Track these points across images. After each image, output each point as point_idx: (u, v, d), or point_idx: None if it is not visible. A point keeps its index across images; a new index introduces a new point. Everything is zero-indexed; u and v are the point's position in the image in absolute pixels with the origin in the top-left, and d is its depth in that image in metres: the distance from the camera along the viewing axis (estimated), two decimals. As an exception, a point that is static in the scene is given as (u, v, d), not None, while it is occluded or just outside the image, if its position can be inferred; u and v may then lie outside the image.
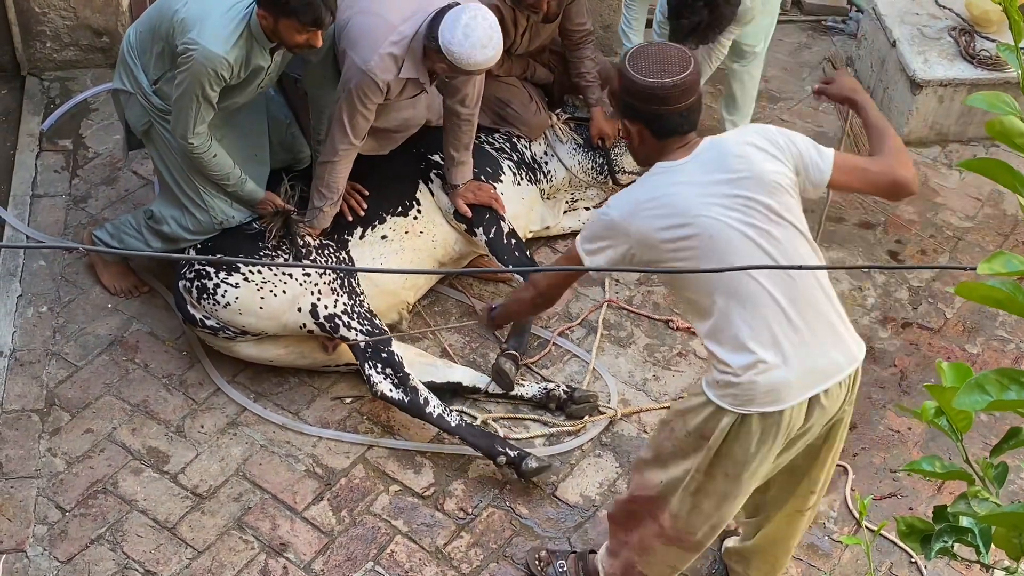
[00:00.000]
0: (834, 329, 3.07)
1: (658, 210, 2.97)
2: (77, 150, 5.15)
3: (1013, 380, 1.37)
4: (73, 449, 4.07)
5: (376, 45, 3.92)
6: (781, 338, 2.96)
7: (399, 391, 4.09)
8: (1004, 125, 1.35)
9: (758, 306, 2.96)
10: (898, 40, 5.46)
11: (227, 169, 4.09)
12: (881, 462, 4.18)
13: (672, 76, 2.95)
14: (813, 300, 3.04)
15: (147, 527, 3.87)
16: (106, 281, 4.57)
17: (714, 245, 2.94)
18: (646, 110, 2.98)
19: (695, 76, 2.98)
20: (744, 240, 2.95)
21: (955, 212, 5.17)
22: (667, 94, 2.95)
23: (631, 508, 3.36)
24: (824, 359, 3.02)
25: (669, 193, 2.99)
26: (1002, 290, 1.41)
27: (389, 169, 4.50)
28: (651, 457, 3.27)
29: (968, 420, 1.56)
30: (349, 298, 4.19)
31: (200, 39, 3.77)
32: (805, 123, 5.58)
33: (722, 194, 2.96)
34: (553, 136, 4.93)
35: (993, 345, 4.60)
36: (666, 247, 2.97)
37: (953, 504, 1.61)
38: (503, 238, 4.49)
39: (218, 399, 4.26)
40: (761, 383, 2.96)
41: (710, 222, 2.94)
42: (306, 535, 3.88)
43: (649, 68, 2.96)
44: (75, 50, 5.44)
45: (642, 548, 3.38)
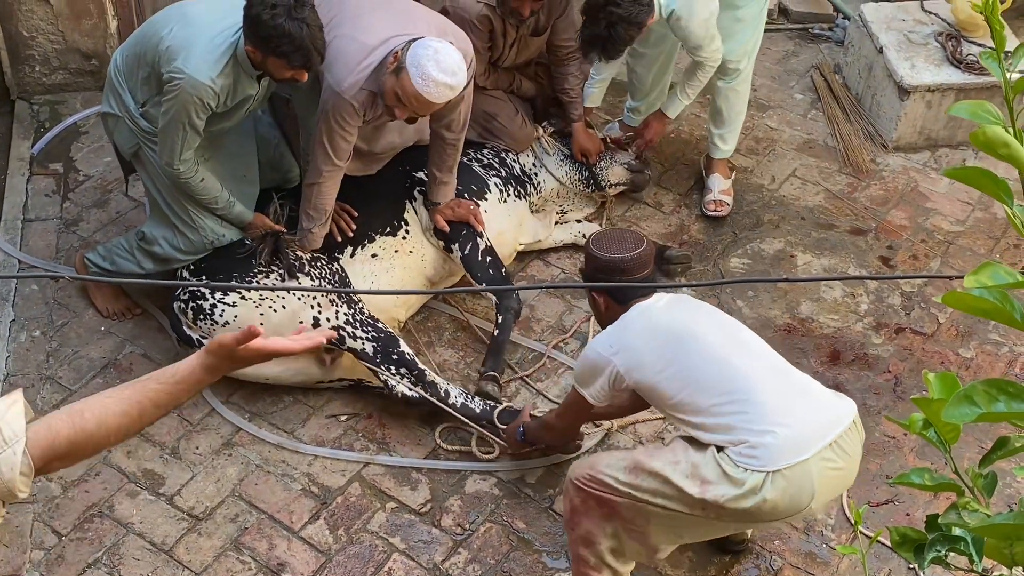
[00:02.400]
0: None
1: (640, 335, 3.42)
2: (68, 173, 5.15)
3: (1002, 391, 1.36)
4: (68, 473, 4.06)
5: (350, 68, 3.92)
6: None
7: (418, 388, 4.11)
8: (988, 135, 1.35)
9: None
10: (885, 46, 5.47)
11: (215, 192, 4.10)
12: (877, 468, 4.18)
13: (628, 251, 3.52)
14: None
15: (144, 550, 3.86)
16: (99, 304, 4.57)
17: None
18: (608, 280, 3.54)
19: (648, 251, 3.56)
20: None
21: (946, 217, 5.18)
22: (626, 266, 3.51)
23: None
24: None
25: (643, 320, 3.46)
26: (990, 300, 1.41)
27: (376, 189, 4.50)
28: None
29: (956, 432, 1.56)
30: (349, 307, 4.20)
31: (186, 68, 3.76)
32: (794, 131, 5.59)
33: (684, 311, 3.51)
34: (540, 148, 4.95)
35: (987, 349, 4.61)
36: (654, 368, 3.37)
37: (944, 515, 1.61)
38: (478, 255, 4.48)
39: (213, 420, 4.26)
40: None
41: (688, 331, 3.41)
42: (303, 554, 3.87)
43: (609, 246, 3.55)
44: (64, 74, 5.45)
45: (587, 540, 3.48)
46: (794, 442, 3.19)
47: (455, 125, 4.26)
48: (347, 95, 3.93)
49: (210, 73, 3.76)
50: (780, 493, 3.17)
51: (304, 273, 4.19)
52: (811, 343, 4.60)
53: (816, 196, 5.25)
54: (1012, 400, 1.38)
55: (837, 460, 3.25)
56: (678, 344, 3.36)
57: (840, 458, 3.26)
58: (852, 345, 4.60)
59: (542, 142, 4.95)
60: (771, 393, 3.27)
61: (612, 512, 3.40)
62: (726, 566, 3.89)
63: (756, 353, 3.41)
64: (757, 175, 5.35)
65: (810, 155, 5.47)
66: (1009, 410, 1.37)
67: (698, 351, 3.34)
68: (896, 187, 5.31)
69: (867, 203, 5.22)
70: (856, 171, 5.37)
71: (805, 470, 3.18)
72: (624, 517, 3.39)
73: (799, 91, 5.85)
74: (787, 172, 5.38)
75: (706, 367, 3.31)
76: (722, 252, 4.97)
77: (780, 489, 3.17)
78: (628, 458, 3.39)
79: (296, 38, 3.66)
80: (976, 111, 1.38)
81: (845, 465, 3.29)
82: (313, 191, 4.16)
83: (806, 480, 3.19)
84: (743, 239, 5.04)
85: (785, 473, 3.17)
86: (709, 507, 3.23)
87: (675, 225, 5.09)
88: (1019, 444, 1.55)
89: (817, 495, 3.22)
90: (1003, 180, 1.41)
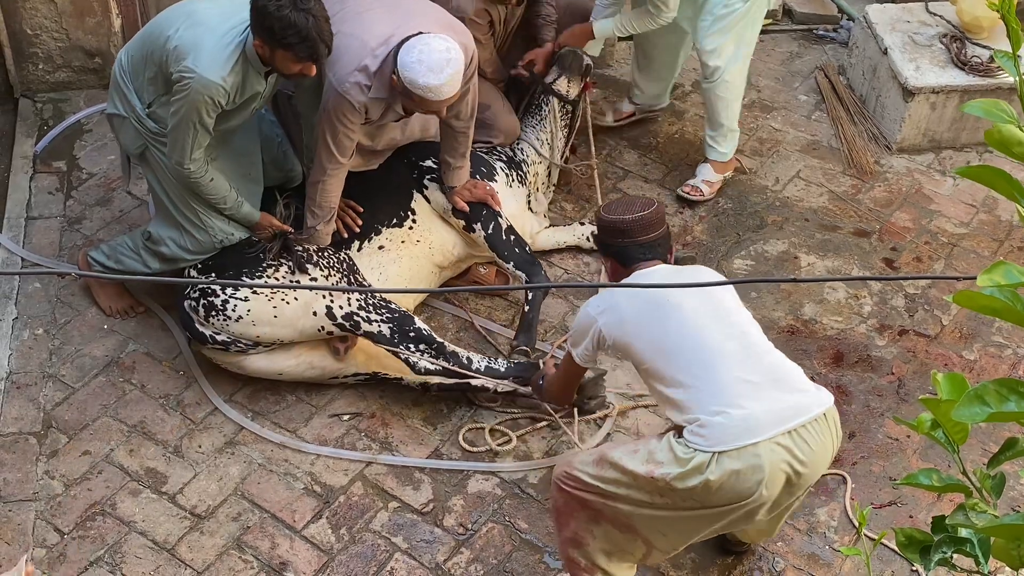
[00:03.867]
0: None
1: (625, 295, 3.41)
2: (71, 171, 5.15)
3: (1012, 391, 1.36)
4: (71, 471, 4.06)
5: (351, 67, 3.93)
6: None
7: (440, 361, 4.15)
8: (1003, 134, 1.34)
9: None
10: (889, 48, 5.47)
11: (223, 192, 4.09)
12: (880, 470, 4.17)
13: (632, 214, 3.51)
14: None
15: (146, 548, 3.86)
16: (102, 302, 4.56)
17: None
18: (613, 243, 3.53)
19: (655, 216, 3.52)
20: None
21: (950, 219, 5.17)
22: (628, 227, 3.49)
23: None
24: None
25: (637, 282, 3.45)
26: (1000, 299, 1.40)
27: (382, 182, 4.50)
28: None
29: (965, 432, 1.55)
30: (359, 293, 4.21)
31: (196, 67, 3.75)
32: (798, 132, 5.59)
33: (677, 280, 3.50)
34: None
35: (990, 351, 4.60)
36: (630, 326, 3.37)
37: (951, 516, 1.61)
38: (502, 233, 4.52)
39: (215, 418, 4.26)
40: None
41: (670, 299, 3.35)
42: (305, 553, 3.87)
43: (616, 209, 3.56)
44: (68, 71, 5.45)
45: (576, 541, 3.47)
46: (746, 424, 3.14)
47: (463, 114, 4.28)
48: (349, 94, 3.93)
49: (221, 72, 3.76)
50: (726, 474, 3.12)
51: (312, 264, 4.19)
52: (814, 345, 4.59)
53: (820, 198, 5.25)
54: (1022, 400, 1.37)
55: (796, 450, 3.17)
56: (658, 310, 3.33)
57: (799, 449, 3.18)
58: (855, 347, 4.60)
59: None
60: (735, 373, 3.22)
61: (597, 514, 3.39)
62: (728, 567, 3.88)
63: (737, 333, 3.33)
64: (761, 176, 5.35)
65: (814, 156, 5.46)
66: (1020, 409, 1.37)
67: (675, 320, 3.30)
68: (900, 189, 5.30)
69: (871, 205, 5.22)
70: (860, 173, 5.37)
71: (754, 453, 3.12)
72: (608, 517, 3.38)
73: (803, 92, 5.85)
74: (791, 173, 5.37)
75: (677, 338, 3.29)
76: (725, 253, 4.97)
77: (726, 470, 3.12)
78: (596, 452, 3.41)
79: (302, 29, 3.66)
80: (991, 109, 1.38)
81: (806, 458, 3.20)
82: (318, 189, 4.16)
83: (755, 464, 3.13)
84: (746, 240, 5.04)
85: (731, 455, 3.12)
86: (660, 489, 3.21)
87: (678, 226, 5.08)
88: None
89: (768, 482, 3.15)
90: (1016, 180, 1.40)
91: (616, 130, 5.54)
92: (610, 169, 5.35)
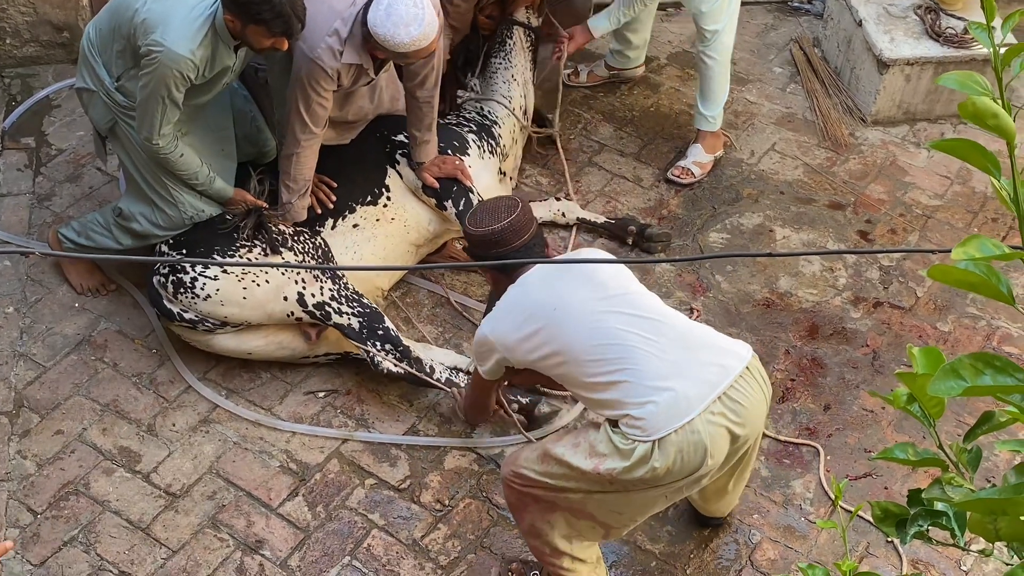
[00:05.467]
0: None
1: (510, 316, 3.30)
2: (40, 147, 5.08)
3: (988, 364, 1.35)
4: (43, 451, 4.02)
5: (322, 32, 3.89)
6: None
7: (403, 364, 4.12)
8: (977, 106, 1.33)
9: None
10: (864, 19, 5.46)
11: (195, 168, 4.04)
12: (855, 442, 4.19)
13: (500, 222, 3.36)
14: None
15: (120, 528, 3.83)
16: (73, 280, 4.52)
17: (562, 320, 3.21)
18: (488, 256, 3.39)
19: (523, 217, 3.38)
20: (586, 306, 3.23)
21: (924, 191, 5.18)
22: (500, 237, 3.36)
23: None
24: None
25: (515, 297, 3.33)
26: (976, 273, 1.39)
27: (355, 158, 4.47)
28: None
29: (941, 406, 1.55)
30: (333, 283, 4.18)
31: (164, 40, 3.70)
32: (773, 104, 5.58)
33: (558, 279, 3.28)
34: (481, 83, 4.99)
35: (964, 323, 4.62)
36: (525, 347, 3.26)
37: (927, 489, 1.61)
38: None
39: (189, 397, 4.23)
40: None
41: (554, 303, 3.23)
42: (281, 531, 3.85)
43: (482, 220, 3.39)
44: (35, 46, 5.37)
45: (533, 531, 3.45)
46: (676, 405, 3.09)
47: (428, 82, 4.24)
48: (321, 60, 3.89)
49: (189, 45, 3.71)
50: (671, 459, 3.10)
51: (287, 248, 4.15)
52: (789, 317, 4.60)
53: (795, 170, 5.24)
54: (998, 374, 1.37)
55: (729, 413, 3.15)
56: (544, 318, 3.22)
57: (732, 411, 3.15)
58: (830, 319, 4.60)
59: (479, 85, 5.00)
60: (649, 357, 3.14)
61: (550, 506, 3.35)
62: (705, 540, 3.90)
63: (635, 312, 3.22)
64: (736, 149, 5.34)
65: (789, 129, 5.45)
66: (995, 383, 1.36)
67: (567, 323, 3.20)
68: (875, 161, 5.31)
69: (846, 177, 5.22)
70: (835, 145, 5.37)
71: (692, 431, 3.09)
72: (561, 507, 3.35)
73: (778, 65, 5.83)
74: (766, 146, 5.36)
75: (577, 339, 3.18)
76: (701, 227, 4.96)
77: (669, 455, 3.10)
78: (540, 447, 3.35)
79: (276, 4, 3.61)
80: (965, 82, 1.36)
81: (741, 419, 3.17)
82: (292, 162, 4.12)
83: (695, 440, 3.10)
84: (722, 214, 5.03)
85: (671, 438, 3.09)
86: (609, 481, 3.18)
87: (654, 200, 5.07)
88: (1004, 419, 1.54)
89: (712, 451, 3.13)
90: (990, 152, 1.39)
91: (591, 103, 5.52)
92: (585, 143, 5.33)
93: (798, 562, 3.77)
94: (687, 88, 5.59)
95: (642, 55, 5.57)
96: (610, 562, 3.78)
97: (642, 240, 4.74)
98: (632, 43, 5.45)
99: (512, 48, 4.97)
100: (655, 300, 3.32)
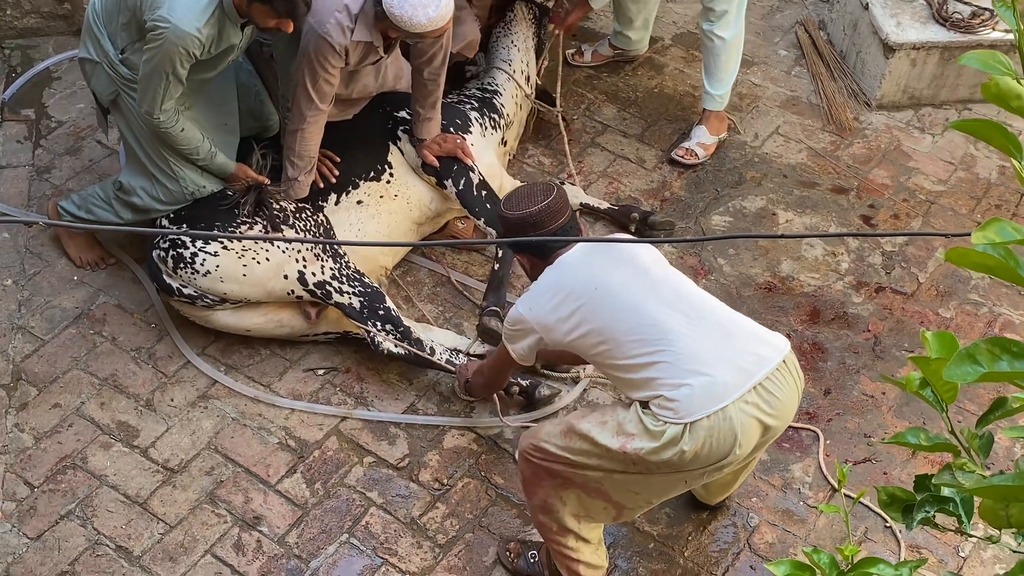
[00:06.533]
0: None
1: (549, 295, 3.29)
2: (40, 120, 5.05)
3: (1005, 350, 1.33)
4: (41, 424, 4.01)
5: (331, 9, 3.86)
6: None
7: (403, 345, 4.10)
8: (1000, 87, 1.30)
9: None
10: (871, 3, 5.42)
11: (196, 143, 4.01)
12: (855, 427, 4.18)
13: (536, 205, 3.35)
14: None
15: (117, 502, 3.82)
16: (72, 253, 4.49)
17: (604, 302, 3.21)
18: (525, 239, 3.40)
19: (559, 201, 3.36)
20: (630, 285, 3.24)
21: (928, 176, 5.16)
22: (537, 219, 3.34)
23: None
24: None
25: (554, 277, 3.33)
26: (994, 256, 1.37)
27: (358, 133, 4.44)
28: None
29: (954, 391, 1.53)
30: (334, 261, 4.15)
31: (171, 16, 3.66)
32: (778, 87, 5.55)
33: (598, 259, 3.30)
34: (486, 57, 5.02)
35: (966, 309, 4.60)
36: (563, 327, 3.25)
37: (938, 475, 1.59)
38: (473, 189, 4.45)
39: (188, 372, 4.21)
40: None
41: (594, 283, 3.23)
42: (279, 508, 3.84)
43: (517, 204, 3.39)
44: (36, 17, 5.33)
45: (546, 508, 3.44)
46: (711, 391, 3.09)
47: (436, 60, 4.20)
48: (330, 36, 3.86)
49: (196, 23, 3.67)
50: (700, 443, 3.09)
51: (288, 225, 4.13)
52: (791, 301, 4.58)
53: (799, 154, 5.22)
54: (1015, 360, 1.35)
55: (763, 404, 3.15)
56: (585, 299, 3.22)
57: (766, 402, 3.16)
58: (832, 304, 4.59)
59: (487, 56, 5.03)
60: (688, 340, 3.14)
61: (566, 482, 3.35)
62: (703, 522, 3.89)
63: (676, 297, 3.24)
64: (740, 132, 5.31)
65: (793, 112, 5.43)
66: (1012, 370, 1.34)
67: (608, 303, 3.20)
68: (879, 146, 5.28)
69: (849, 161, 5.20)
70: (839, 129, 5.34)
71: (724, 417, 3.09)
72: (577, 484, 3.34)
73: (783, 47, 5.80)
74: (770, 129, 5.34)
75: (618, 319, 3.18)
76: (704, 210, 4.94)
77: (699, 439, 3.09)
78: (563, 423, 3.34)
79: None
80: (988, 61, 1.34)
81: (774, 410, 3.18)
82: (297, 137, 4.09)
83: (727, 427, 3.10)
84: (725, 196, 5.01)
85: (703, 423, 3.08)
86: (634, 461, 3.17)
87: (657, 182, 5.05)
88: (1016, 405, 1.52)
89: (742, 440, 3.13)
90: (1012, 134, 1.37)
91: (595, 84, 5.49)
92: (588, 123, 5.30)
93: (801, 546, 3.77)
94: (691, 69, 5.56)
95: (646, 37, 5.53)
96: (608, 543, 3.77)
97: (645, 227, 4.72)
98: (634, 23, 5.41)
99: (513, 18, 4.97)
100: (695, 287, 3.34)
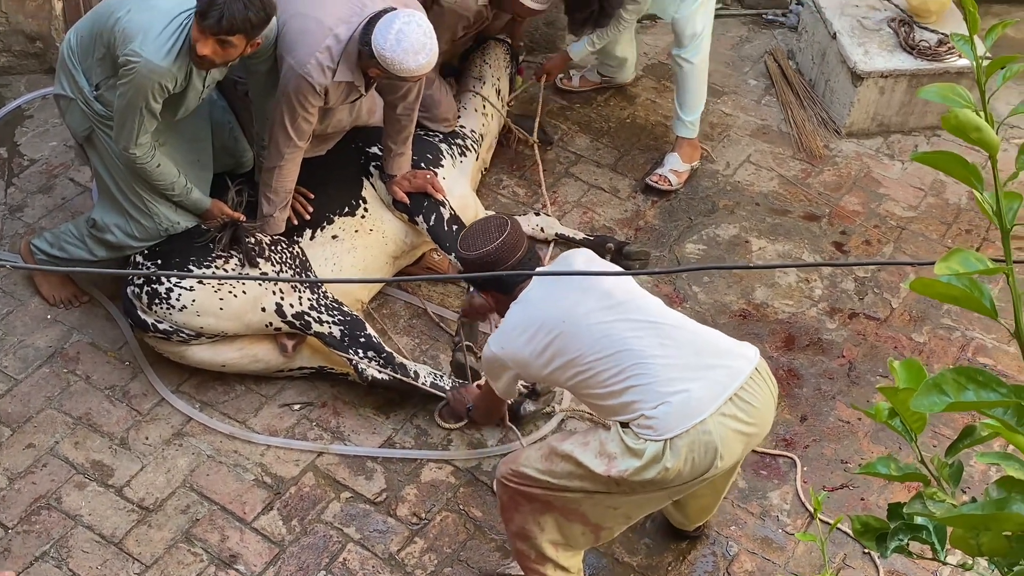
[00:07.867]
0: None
1: (519, 332, 3.28)
2: (12, 158, 5.03)
3: (971, 379, 1.34)
4: (15, 464, 3.97)
5: (312, 49, 3.86)
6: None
7: (387, 371, 4.09)
8: (959, 119, 1.31)
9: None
10: (838, 32, 5.48)
11: (171, 179, 4.00)
12: (832, 453, 4.19)
13: (493, 242, 3.35)
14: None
15: (93, 542, 3.79)
16: (45, 292, 4.47)
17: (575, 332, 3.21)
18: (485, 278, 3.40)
19: (514, 235, 3.38)
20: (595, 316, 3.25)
21: (898, 202, 5.20)
22: (496, 257, 3.34)
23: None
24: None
25: (521, 313, 3.32)
26: (958, 287, 1.38)
27: (331, 169, 4.45)
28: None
29: (923, 421, 1.54)
30: (312, 292, 4.16)
31: (143, 51, 3.66)
32: (748, 116, 5.59)
33: (561, 291, 3.29)
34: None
35: (939, 334, 4.63)
36: (538, 362, 3.26)
37: (909, 504, 1.60)
38: (444, 224, 4.46)
39: (163, 409, 4.19)
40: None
41: (562, 315, 3.23)
42: (256, 546, 3.82)
43: (475, 243, 3.38)
44: (8, 56, 5.32)
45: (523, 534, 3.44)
46: (688, 406, 3.12)
47: (410, 96, 4.23)
48: (311, 76, 3.86)
49: (168, 56, 3.66)
50: (682, 459, 3.12)
51: (264, 258, 4.12)
52: (766, 328, 4.61)
53: (770, 182, 5.26)
54: (981, 389, 1.36)
55: (740, 414, 3.18)
56: (556, 332, 3.22)
57: (744, 411, 3.19)
58: (806, 330, 4.61)
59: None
60: (661, 360, 3.17)
61: (544, 506, 3.35)
62: (682, 552, 3.89)
63: (644, 317, 3.24)
64: (712, 161, 5.35)
65: (764, 141, 5.47)
66: (978, 399, 1.36)
67: (579, 334, 3.20)
68: (849, 173, 5.33)
69: (820, 189, 5.24)
70: (809, 157, 5.38)
71: (704, 431, 3.12)
72: (556, 508, 3.35)
73: (753, 77, 5.85)
74: (741, 158, 5.38)
75: (591, 349, 3.19)
76: (677, 238, 4.96)
77: (681, 455, 3.11)
78: (544, 446, 3.36)
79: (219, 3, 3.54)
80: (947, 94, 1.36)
81: (753, 419, 3.21)
82: (274, 174, 4.09)
83: (707, 440, 3.12)
84: (698, 225, 5.03)
85: (683, 438, 3.11)
86: (617, 482, 3.19)
87: (631, 211, 5.07)
88: (985, 433, 1.53)
89: (723, 452, 3.16)
90: (973, 165, 1.39)
91: (567, 114, 5.52)
92: (562, 154, 5.32)
93: (780, 575, 3.77)
94: (663, 100, 5.60)
95: (631, 67, 5.59)
96: (588, 575, 3.76)
97: (620, 257, 4.74)
98: (617, 58, 5.46)
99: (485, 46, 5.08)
100: (659, 303, 3.35)
